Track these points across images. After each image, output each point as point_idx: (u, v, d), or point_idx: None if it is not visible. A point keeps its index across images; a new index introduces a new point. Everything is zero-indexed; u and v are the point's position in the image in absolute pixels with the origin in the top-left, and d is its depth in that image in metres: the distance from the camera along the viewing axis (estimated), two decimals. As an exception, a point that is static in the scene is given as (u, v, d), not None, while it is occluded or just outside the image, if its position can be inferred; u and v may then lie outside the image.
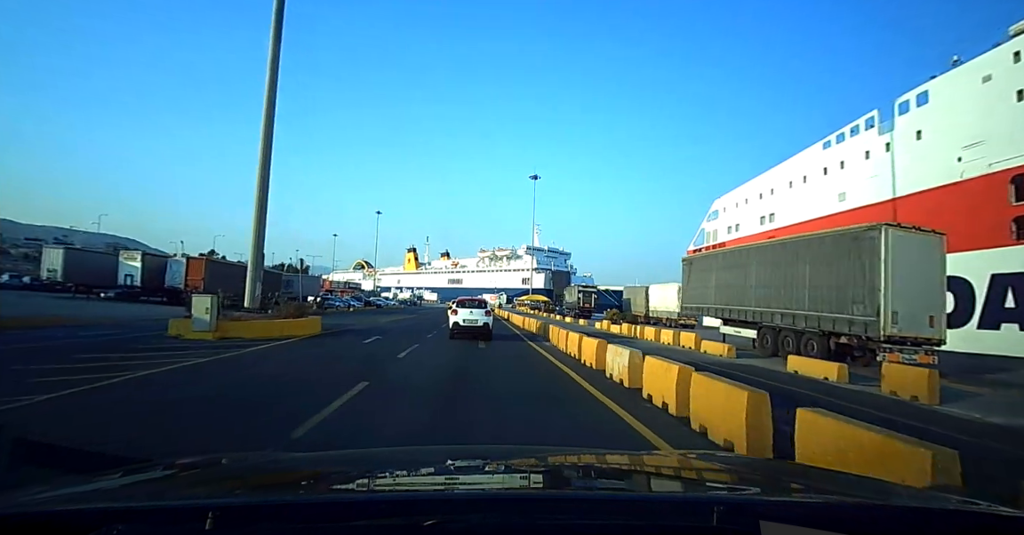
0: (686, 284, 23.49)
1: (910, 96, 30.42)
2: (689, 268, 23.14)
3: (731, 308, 18.43)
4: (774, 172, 40.92)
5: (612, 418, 6.23)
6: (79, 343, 10.68)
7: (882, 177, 31.09)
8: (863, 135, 33.26)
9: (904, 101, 30.66)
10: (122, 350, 9.74)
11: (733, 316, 18.35)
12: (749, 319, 17.17)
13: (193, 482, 1.38)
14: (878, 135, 31.94)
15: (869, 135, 32.73)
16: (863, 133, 33.31)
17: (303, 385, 7.26)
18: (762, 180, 42.43)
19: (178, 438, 4.45)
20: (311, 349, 12.22)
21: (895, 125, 30.59)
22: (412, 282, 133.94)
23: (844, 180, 33.74)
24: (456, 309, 17.19)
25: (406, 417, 5.73)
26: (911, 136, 29.41)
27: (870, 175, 31.76)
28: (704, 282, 21.03)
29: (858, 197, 31.87)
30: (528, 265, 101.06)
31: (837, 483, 1.55)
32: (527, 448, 2.81)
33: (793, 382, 10.64)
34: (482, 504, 1.05)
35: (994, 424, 7.41)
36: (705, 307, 21.00)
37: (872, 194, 30.78)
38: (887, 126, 31.24)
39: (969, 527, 1.01)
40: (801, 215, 35.48)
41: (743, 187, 44.90)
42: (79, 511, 0.98)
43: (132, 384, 6.71)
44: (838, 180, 34.11)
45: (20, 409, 5.07)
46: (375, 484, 1.41)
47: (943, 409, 8.54)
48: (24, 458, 2.19)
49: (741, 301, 17.56)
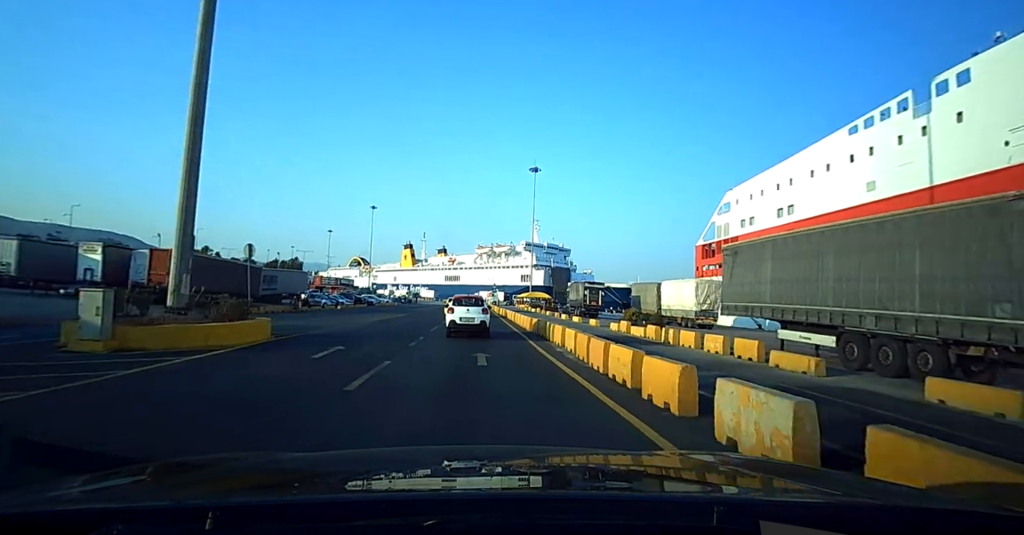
0: (728, 278, 19.54)
1: (949, 75, 27.42)
2: (733, 259, 19.06)
3: (796, 307, 14.83)
4: (793, 161, 38.02)
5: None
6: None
7: (917, 164, 28.21)
8: (895, 119, 30.23)
9: (942, 81, 27.68)
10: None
11: (799, 317, 14.82)
12: (824, 322, 13.68)
13: (193, 482, 1.39)
14: (913, 118, 29.01)
15: (902, 118, 29.71)
16: (895, 117, 30.26)
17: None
18: (780, 170, 39.53)
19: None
20: (211, 372, 8.78)
21: (932, 107, 27.74)
22: (409, 279, 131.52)
23: (873, 168, 30.84)
24: (452, 307, 17.09)
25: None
26: (951, 118, 26.62)
27: (903, 162, 28.88)
28: (755, 275, 17.33)
29: (889, 186, 28.96)
30: (527, 262, 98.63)
31: (837, 483, 1.55)
32: (527, 448, 2.81)
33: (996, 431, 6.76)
34: (482, 504, 1.06)
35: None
36: (756, 306, 17.23)
37: (905, 182, 27.93)
38: (923, 108, 28.37)
39: (969, 527, 1.00)
40: (824, 206, 32.65)
41: (758, 178, 42.02)
42: (79, 511, 0.99)
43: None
44: (866, 168, 31.19)
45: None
46: (375, 484, 1.42)
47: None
48: (24, 458, 2.17)
49: (811, 298, 14.10)
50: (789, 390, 5.29)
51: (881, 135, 31.00)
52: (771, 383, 6.62)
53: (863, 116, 32.20)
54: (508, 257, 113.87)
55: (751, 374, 9.70)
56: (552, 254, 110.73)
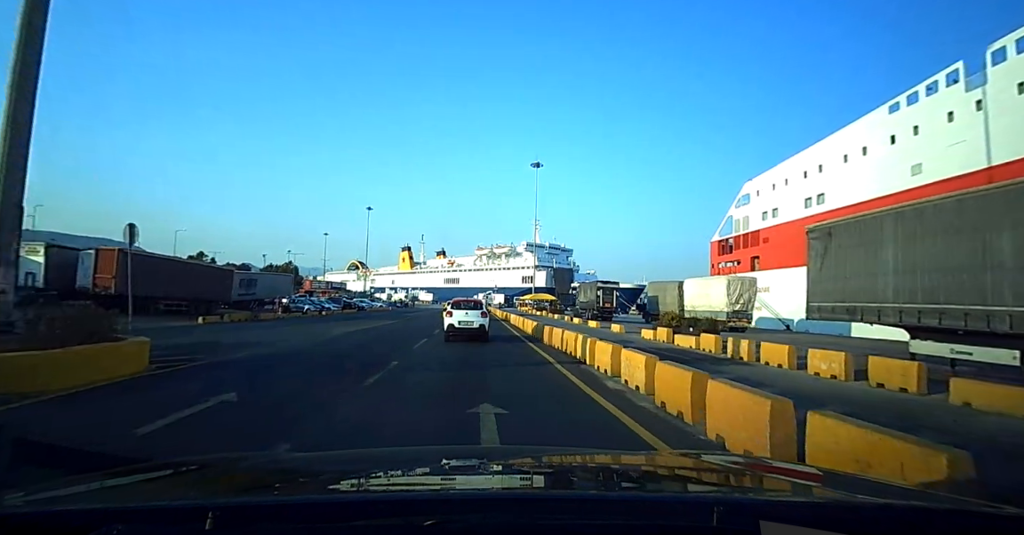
0: (817, 270, 15.05)
1: (1007, 41, 24.04)
2: (826, 241, 14.65)
3: (946, 308, 10.78)
4: (822, 146, 34.73)
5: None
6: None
7: (971, 142, 24.57)
8: (944, 93, 26.79)
9: (999, 48, 24.31)
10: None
11: (946, 323, 10.86)
12: (998, 329, 9.66)
13: (193, 482, 1.43)
14: (965, 92, 25.67)
15: (952, 92, 26.28)
16: (943, 90, 26.82)
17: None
18: (806, 156, 36.20)
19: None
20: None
21: (988, 78, 24.09)
22: (407, 282, 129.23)
23: (918, 148, 27.27)
24: (451, 311, 16.93)
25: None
26: (1011, 90, 23.39)
27: (954, 141, 25.25)
28: (864, 264, 13.13)
29: (938, 168, 25.64)
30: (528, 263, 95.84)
31: (837, 483, 1.57)
32: (527, 448, 2.83)
33: None
34: (481, 504, 1.08)
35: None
36: (867, 307, 13.04)
37: (958, 163, 24.64)
38: (977, 80, 24.80)
39: (969, 527, 1.02)
40: (859, 194, 29.17)
41: (780, 166, 38.80)
42: (79, 511, 1.01)
43: None
44: (910, 149, 27.81)
45: None
46: (375, 484, 1.45)
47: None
48: (24, 458, 2.18)
49: (975, 296, 10.08)
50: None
51: (927, 112, 27.80)
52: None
53: (905, 92, 28.76)
54: (509, 258, 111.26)
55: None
56: (554, 254, 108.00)
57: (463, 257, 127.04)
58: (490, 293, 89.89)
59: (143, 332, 11.04)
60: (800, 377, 11.60)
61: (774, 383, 5.72)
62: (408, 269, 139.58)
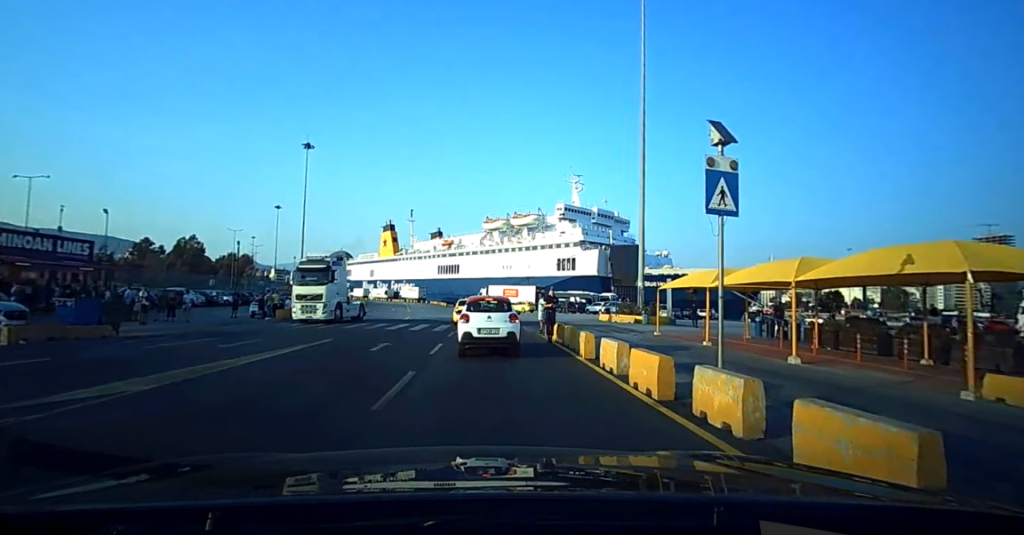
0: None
1: None
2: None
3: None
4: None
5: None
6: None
7: None
8: None
9: None
10: None
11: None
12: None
13: (193, 482, 1.40)
14: None
15: None
16: None
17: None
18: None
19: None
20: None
21: None
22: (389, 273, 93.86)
23: None
24: (467, 314, 11.98)
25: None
26: None
27: None
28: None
29: None
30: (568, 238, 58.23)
31: (837, 483, 1.56)
32: (528, 449, 2.80)
33: None
34: (482, 504, 1.06)
35: None
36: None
37: None
38: None
39: (969, 527, 1.02)
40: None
41: None
42: (79, 511, 1.00)
43: None
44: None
45: None
46: (375, 484, 1.43)
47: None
48: (24, 459, 2.17)
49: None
50: None
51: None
52: None
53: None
54: (534, 234, 73.33)
55: None
56: (605, 226, 70.84)
57: (467, 236, 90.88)
58: (515, 286, 53.32)
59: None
60: None
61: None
62: (390, 255, 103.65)
